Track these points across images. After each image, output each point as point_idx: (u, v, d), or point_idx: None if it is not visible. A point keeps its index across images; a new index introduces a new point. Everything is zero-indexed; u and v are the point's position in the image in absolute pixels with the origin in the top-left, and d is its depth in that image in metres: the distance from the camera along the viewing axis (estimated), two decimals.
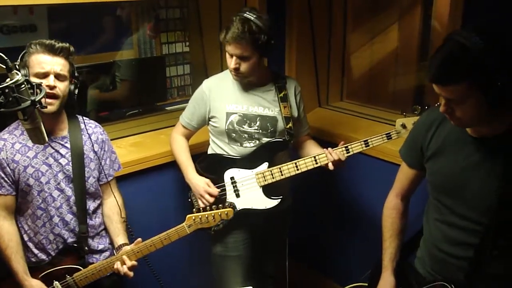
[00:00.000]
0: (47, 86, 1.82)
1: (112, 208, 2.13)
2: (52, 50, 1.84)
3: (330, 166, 2.13)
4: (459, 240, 1.59)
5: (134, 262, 1.99)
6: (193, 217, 1.99)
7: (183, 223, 2.00)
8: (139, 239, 2.00)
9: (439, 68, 1.40)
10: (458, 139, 1.57)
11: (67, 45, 1.88)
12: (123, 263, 1.97)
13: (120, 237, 2.07)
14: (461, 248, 1.59)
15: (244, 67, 2.14)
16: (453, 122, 1.49)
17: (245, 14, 2.10)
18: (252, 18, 2.08)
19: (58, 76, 1.85)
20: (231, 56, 2.13)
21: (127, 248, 2.01)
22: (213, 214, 2.00)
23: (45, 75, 1.83)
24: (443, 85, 1.41)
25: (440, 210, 1.66)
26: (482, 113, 1.41)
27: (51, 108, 1.87)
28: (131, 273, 1.98)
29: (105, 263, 1.99)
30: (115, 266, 1.97)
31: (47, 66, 1.83)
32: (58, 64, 1.85)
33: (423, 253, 1.77)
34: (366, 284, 1.92)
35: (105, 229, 2.14)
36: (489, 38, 1.34)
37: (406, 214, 1.88)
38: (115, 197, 2.12)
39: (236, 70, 2.15)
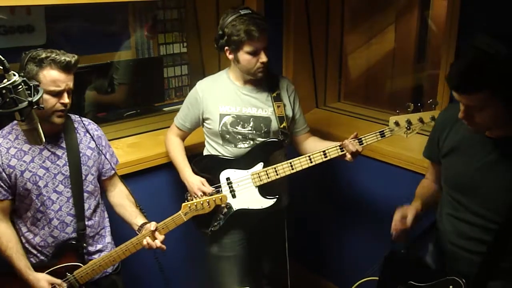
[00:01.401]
0: (61, 103, 1.83)
1: (122, 197, 2.15)
2: (68, 69, 1.81)
3: (348, 158, 2.11)
4: (471, 235, 1.61)
5: (164, 236, 2.01)
6: (189, 205, 2.02)
7: (179, 211, 2.03)
8: (154, 222, 2.02)
9: (461, 76, 1.40)
10: (474, 139, 1.59)
11: (77, 57, 1.85)
12: (153, 238, 1.98)
13: (138, 219, 2.07)
14: (473, 243, 1.61)
15: (266, 56, 2.17)
16: (470, 127, 1.51)
17: (242, 12, 2.11)
18: (249, 10, 2.13)
19: (69, 91, 1.86)
20: (257, 52, 2.13)
21: (149, 226, 2.01)
22: (208, 200, 2.03)
23: (59, 92, 1.82)
24: (464, 93, 1.41)
25: (453, 205, 1.68)
26: (501, 118, 1.43)
27: (62, 120, 1.90)
28: (164, 246, 2.00)
29: (122, 248, 1.99)
30: (145, 242, 1.98)
31: (63, 84, 1.82)
32: (70, 80, 1.85)
33: (435, 247, 1.79)
34: (377, 278, 1.92)
35: (104, 228, 2.14)
36: None
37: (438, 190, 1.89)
38: (123, 184, 2.15)
39: (265, 64, 2.17)
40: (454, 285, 1.62)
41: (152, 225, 1.99)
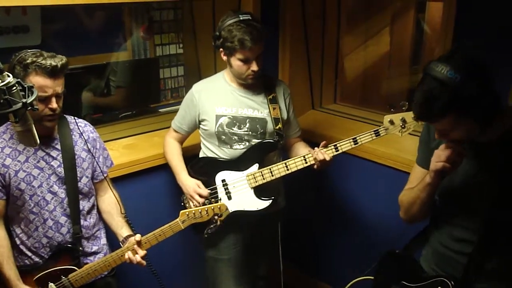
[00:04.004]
0: (50, 108, 1.81)
1: (110, 204, 2.12)
2: (54, 74, 1.78)
3: (316, 166, 2.13)
4: (461, 237, 1.62)
5: (145, 251, 1.98)
6: (187, 213, 2.01)
7: (177, 219, 2.02)
8: (138, 235, 1.99)
9: (422, 107, 1.42)
10: None
11: (65, 60, 1.82)
12: (135, 253, 1.96)
13: (123, 230, 2.06)
14: (463, 244, 1.62)
15: (260, 64, 2.17)
16: (450, 144, 1.52)
17: (242, 17, 2.11)
18: (249, 16, 2.12)
19: (58, 95, 1.83)
20: (249, 60, 2.13)
21: (132, 239, 1.99)
22: (206, 209, 2.01)
23: (46, 98, 1.80)
24: (429, 122, 1.45)
25: (442, 208, 1.69)
26: (475, 131, 1.46)
27: (53, 124, 1.88)
28: (144, 262, 1.97)
29: (113, 255, 1.98)
30: (126, 256, 1.96)
31: (50, 90, 1.79)
32: (59, 85, 1.82)
33: (428, 250, 1.80)
34: (372, 278, 1.93)
35: (100, 230, 2.14)
36: (464, 69, 1.36)
37: None
38: (113, 192, 2.12)
39: (256, 72, 2.16)
40: (442, 286, 1.64)
41: (137, 237, 1.97)
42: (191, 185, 2.25)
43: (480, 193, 1.56)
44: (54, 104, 1.82)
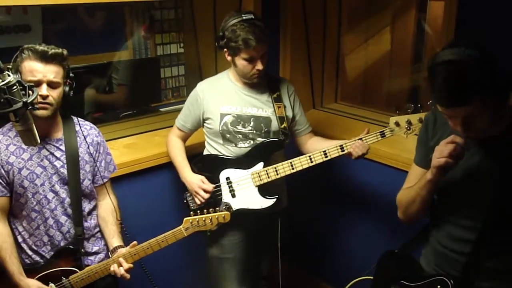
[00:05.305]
0: (39, 95, 1.80)
1: (107, 210, 2.12)
2: (44, 58, 1.79)
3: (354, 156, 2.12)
4: (460, 237, 1.62)
5: (131, 265, 1.98)
6: (190, 220, 2.00)
7: (180, 226, 2.01)
8: (135, 242, 2.00)
9: (449, 92, 1.37)
10: None
11: (60, 50, 1.83)
12: (119, 265, 1.96)
13: (115, 239, 2.06)
14: (462, 244, 1.61)
15: (264, 63, 2.18)
16: (469, 136, 1.48)
17: (244, 17, 2.12)
18: (252, 16, 2.13)
19: (51, 84, 1.83)
20: (254, 59, 2.14)
21: (123, 250, 2.00)
22: (210, 217, 2.01)
23: (37, 83, 1.79)
24: (459, 106, 1.38)
25: (441, 207, 1.69)
26: (496, 115, 1.43)
27: (44, 113, 1.86)
28: (128, 275, 1.97)
29: (101, 265, 1.99)
30: (112, 268, 1.96)
31: (39, 74, 1.79)
32: (50, 72, 1.81)
33: (428, 249, 1.79)
34: (372, 278, 1.93)
35: (101, 231, 2.13)
36: (477, 47, 1.35)
37: None
38: (110, 199, 2.11)
39: (261, 71, 2.17)
40: (441, 285, 1.63)
41: (123, 250, 1.98)
42: (195, 181, 2.26)
43: (482, 188, 1.55)
44: (43, 91, 1.80)
